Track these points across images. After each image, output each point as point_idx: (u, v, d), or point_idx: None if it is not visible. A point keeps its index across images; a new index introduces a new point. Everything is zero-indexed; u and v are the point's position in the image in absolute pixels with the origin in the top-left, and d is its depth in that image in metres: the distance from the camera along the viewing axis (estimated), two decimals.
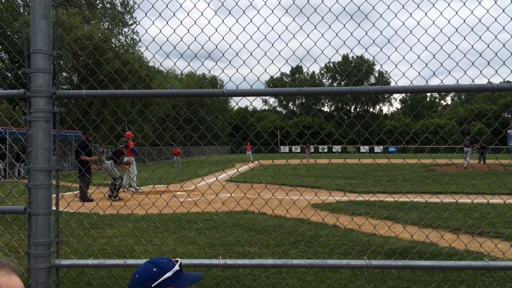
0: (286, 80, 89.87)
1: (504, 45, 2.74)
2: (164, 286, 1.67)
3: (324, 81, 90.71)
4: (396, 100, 3.49)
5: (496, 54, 2.75)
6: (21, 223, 7.17)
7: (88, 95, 2.60)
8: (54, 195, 2.57)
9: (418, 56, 2.85)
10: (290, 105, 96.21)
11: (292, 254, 5.54)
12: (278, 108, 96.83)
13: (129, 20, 41.18)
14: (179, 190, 13.23)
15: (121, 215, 8.03)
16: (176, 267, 1.72)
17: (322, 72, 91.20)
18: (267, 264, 2.66)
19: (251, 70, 2.84)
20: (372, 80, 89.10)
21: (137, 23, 38.45)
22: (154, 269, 1.69)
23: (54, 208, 2.55)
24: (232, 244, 6.16)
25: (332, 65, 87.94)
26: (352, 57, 77.33)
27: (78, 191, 11.31)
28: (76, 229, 6.45)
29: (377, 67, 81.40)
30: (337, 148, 62.14)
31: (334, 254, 5.59)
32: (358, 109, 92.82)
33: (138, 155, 13.61)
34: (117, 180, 12.19)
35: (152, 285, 1.66)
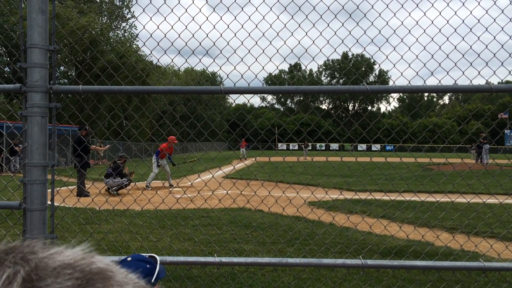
0: (285, 77, 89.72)
1: (502, 46, 2.74)
2: (156, 280, 1.68)
3: (322, 79, 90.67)
4: (394, 99, 3.49)
5: (494, 55, 2.74)
6: (16, 218, 7.13)
7: (85, 91, 2.58)
8: (49, 190, 2.55)
9: (417, 56, 2.84)
10: (288, 102, 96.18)
11: (287, 252, 5.54)
12: (276, 106, 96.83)
13: (128, 15, 41.02)
14: (175, 186, 13.20)
15: (116, 211, 8.01)
16: (158, 260, 1.76)
17: (321, 70, 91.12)
18: (263, 262, 2.66)
19: (249, 67, 2.83)
20: (371, 79, 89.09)
21: (136, 18, 38.28)
22: (148, 266, 1.69)
23: (49, 203, 2.53)
24: (228, 241, 6.15)
25: (331, 63, 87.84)
26: (352, 55, 77.25)
27: (75, 187, 11.28)
28: (71, 225, 6.43)
29: (376, 66, 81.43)
30: (334, 146, 62.19)
31: (330, 252, 5.60)
32: (356, 108, 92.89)
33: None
34: (127, 181, 12.15)
35: (152, 281, 1.66)
